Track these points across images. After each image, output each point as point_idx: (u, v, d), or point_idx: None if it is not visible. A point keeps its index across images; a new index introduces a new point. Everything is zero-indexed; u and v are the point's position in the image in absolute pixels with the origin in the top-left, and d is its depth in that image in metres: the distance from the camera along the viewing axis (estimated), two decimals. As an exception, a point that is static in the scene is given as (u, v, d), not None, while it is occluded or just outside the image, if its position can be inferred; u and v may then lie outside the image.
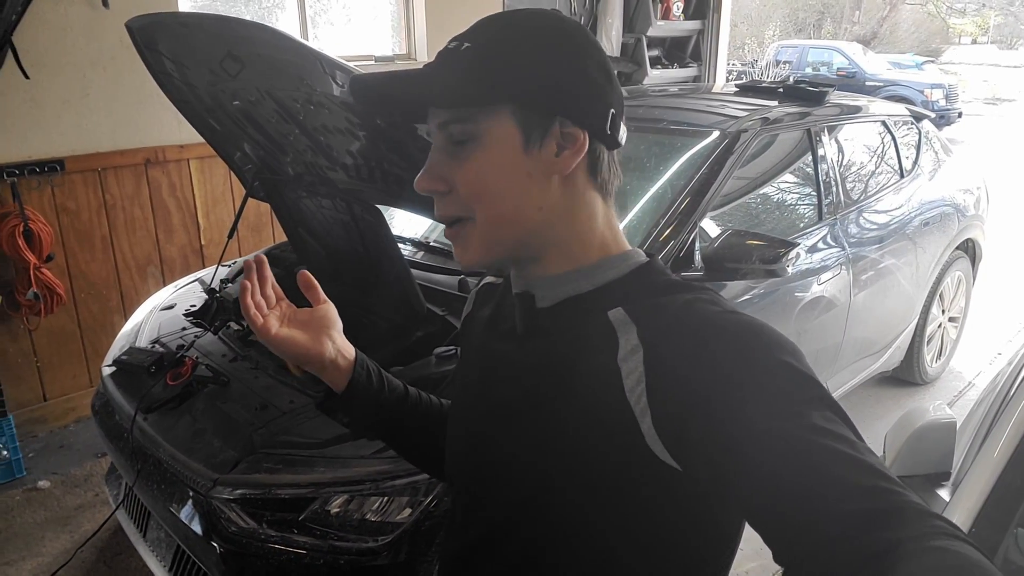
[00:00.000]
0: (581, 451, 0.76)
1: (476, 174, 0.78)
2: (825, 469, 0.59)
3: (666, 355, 0.71)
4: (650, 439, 0.70)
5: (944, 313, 3.90)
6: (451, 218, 0.81)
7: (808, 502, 0.58)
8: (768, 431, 0.62)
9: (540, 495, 0.81)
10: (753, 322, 0.72)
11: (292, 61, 1.88)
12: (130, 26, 2.03)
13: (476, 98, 0.76)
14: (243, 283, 0.93)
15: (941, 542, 0.53)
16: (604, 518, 0.77)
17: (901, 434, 1.54)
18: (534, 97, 0.77)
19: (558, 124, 0.78)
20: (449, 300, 2.30)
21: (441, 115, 0.79)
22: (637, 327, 0.75)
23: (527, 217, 0.79)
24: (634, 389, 0.71)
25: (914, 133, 3.74)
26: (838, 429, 0.62)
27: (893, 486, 0.58)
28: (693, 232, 2.40)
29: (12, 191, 3.11)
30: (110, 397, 2.26)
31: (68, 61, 3.25)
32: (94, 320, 3.51)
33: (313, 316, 0.96)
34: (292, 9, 4.37)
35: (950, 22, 28.50)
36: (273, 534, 1.75)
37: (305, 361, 0.94)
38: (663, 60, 6.65)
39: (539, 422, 0.81)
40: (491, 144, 0.77)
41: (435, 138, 0.80)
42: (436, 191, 0.80)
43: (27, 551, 2.65)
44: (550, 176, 0.79)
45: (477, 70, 0.76)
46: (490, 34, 0.79)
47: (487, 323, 0.95)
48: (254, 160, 2.58)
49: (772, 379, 0.66)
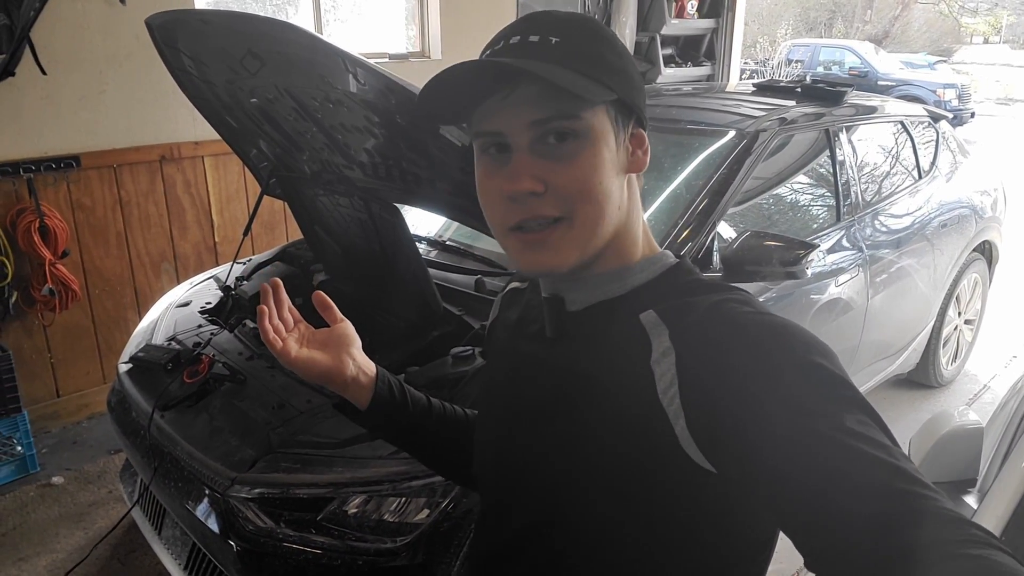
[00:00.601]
0: (611, 455, 0.76)
1: (584, 171, 0.76)
2: (858, 472, 0.58)
3: (699, 356, 0.71)
4: (684, 441, 0.70)
5: (960, 315, 3.87)
6: (544, 220, 0.77)
7: (840, 504, 0.57)
8: (800, 432, 0.61)
9: (569, 499, 0.80)
10: (786, 323, 0.71)
11: (313, 59, 1.86)
12: (150, 23, 2.03)
13: (595, 92, 0.74)
14: (260, 308, 0.94)
15: (978, 550, 0.52)
16: (634, 522, 0.76)
17: (927, 440, 1.53)
18: (624, 96, 0.78)
19: (633, 123, 0.80)
20: (466, 300, 2.29)
21: (541, 111, 0.74)
22: (669, 329, 0.75)
23: (614, 217, 0.79)
24: (667, 391, 0.71)
25: (931, 134, 3.71)
26: (871, 432, 0.62)
27: (928, 491, 0.57)
28: (711, 233, 2.38)
29: (28, 187, 3.12)
30: (126, 394, 2.26)
31: (85, 58, 3.26)
32: (108, 316, 3.52)
33: (331, 335, 0.97)
34: (307, 7, 4.37)
35: (962, 21, 28.29)
36: (291, 534, 1.74)
37: (327, 381, 0.96)
38: (677, 59, 6.62)
39: (568, 426, 0.80)
40: (596, 141, 0.76)
41: (518, 138, 0.76)
42: (534, 192, 0.75)
43: (42, 547, 2.66)
44: (624, 175, 0.80)
45: (587, 64, 0.75)
46: (570, 31, 0.77)
47: (515, 327, 0.95)
48: (270, 158, 2.58)
49: (805, 380, 0.65)
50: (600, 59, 0.76)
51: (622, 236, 0.82)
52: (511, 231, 0.79)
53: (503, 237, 0.81)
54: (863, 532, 0.55)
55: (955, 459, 1.49)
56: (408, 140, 2.01)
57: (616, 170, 0.78)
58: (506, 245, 0.81)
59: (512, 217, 0.77)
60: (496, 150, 0.78)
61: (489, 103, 0.76)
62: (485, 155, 0.79)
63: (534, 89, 0.74)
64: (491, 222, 0.81)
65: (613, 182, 0.78)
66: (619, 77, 0.77)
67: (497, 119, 0.76)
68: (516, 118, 0.75)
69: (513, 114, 0.75)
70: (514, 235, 0.79)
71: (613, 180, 0.78)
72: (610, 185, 0.77)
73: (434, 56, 4.79)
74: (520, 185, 0.75)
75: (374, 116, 1.96)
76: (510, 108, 0.75)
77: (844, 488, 0.58)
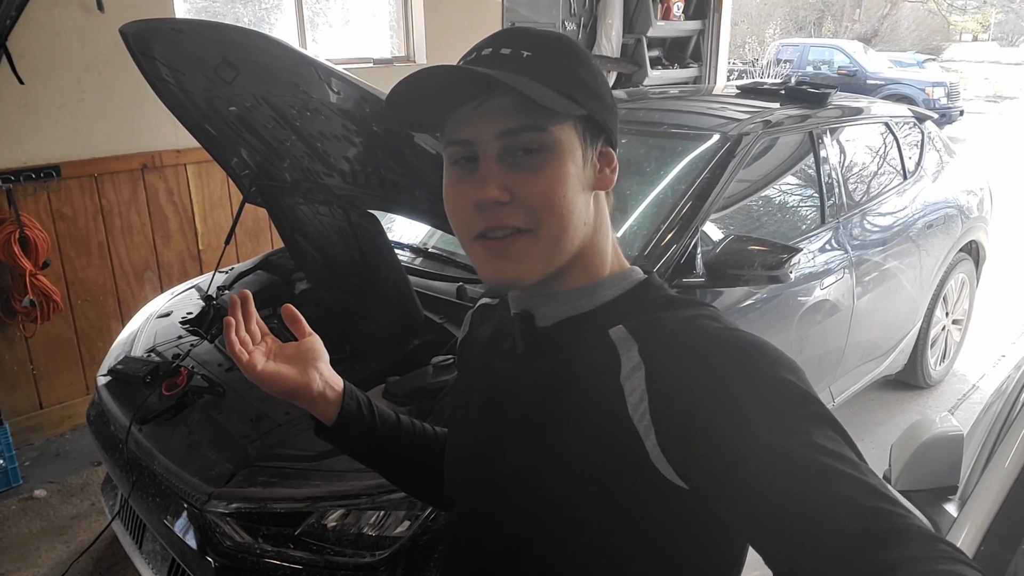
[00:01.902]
0: (587, 469, 0.76)
1: (549, 184, 0.76)
2: (827, 488, 0.58)
3: (668, 371, 0.71)
4: (655, 457, 0.70)
5: (948, 316, 3.88)
6: (508, 229, 0.77)
7: (810, 521, 0.57)
8: (769, 449, 0.62)
9: (548, 513, 0.80)
10: (753, 339, 0.72)
11: (287, 68, 1.85)
12: (124, 32, 2.01)
13: (564, 106, 0.74)
14: (227, 320, 0.92)
15: (946, 566, 0.52)
16: (614, 534, 0.76)
17: (907, 447, 1.51)
18: (594, 113, 0.78)
19: (602, 142, 0.81)
20: (447, 307, 2.27)
21: (510, 122, 0.75)
22: (638, 344, 0.75)
23: (579, 231, 0.80)
24: (637, 407, 0.71)
25: (917, 134, 3.71)
26: (839, 449, 0.62)
27: (896, 508, 0.57)
28: (695, 238, 2.37)
29: (8, 197, 3.09)
30: (105, 407, 2.24)
31: (63, 66, 3.23)
32: (91, 327, 3.49)
33: (299, 350, 0.96)
34: (290, 11, 4.35)
35: (951, 19, 28.46)
36: (269, 549, 1.72)
37: (293, 396, 0.94)
38: (663, 61, 6.62)
39: (543, 441, 0.80)
40: (562, 155, 0.77)
41: (486, 147, 0.76)
42: (499, 201, 0.76)
43: (23, 561, 2.63)
44: (591, 192, 0.81)
45: (557, 80, 0.75)
46: (543, 46, 0.78)
47: (487, 343, 0.95)
48: (251, 166, 2.56)
49: (773, 396, 0.66)
50: (572, 75, 0.77)
51: (589, 252, 0.82)
52: (475, 239, 0.79)
53: (469, 246, 0.81)
54: (835, 552, 0.55)
55: (935, 466, 1.48)
56: (385, 148, 1.99)
57: (582, 185, 0.79)
58: (472, 254, 0.81)
59: (477, 225, 0.78)
60: (465, 161, 0.78)
61: (460, 112, 0.77)
62: (454, 167, 0.80)
63: (505, 100, 0.74)
64: (457, 230, 0.82)
65: (578, 197, 0.78)
66: (589, 94, 0.78)
67: (467, 128, 0.77)
68: (487, 127, 0.76)
69: (484, 124, 0.76)
70: (479, 243, 0.79)
71: (578, 195, 0.78)
72: (575, 199, 0.78)
73: (419, 60, 4.77)
74: (486, 193, 0.76)
75: (351, 124, 1.94)
76: (481, 118, 0.76)
77: (816, 508, 0.58)
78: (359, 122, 1.91)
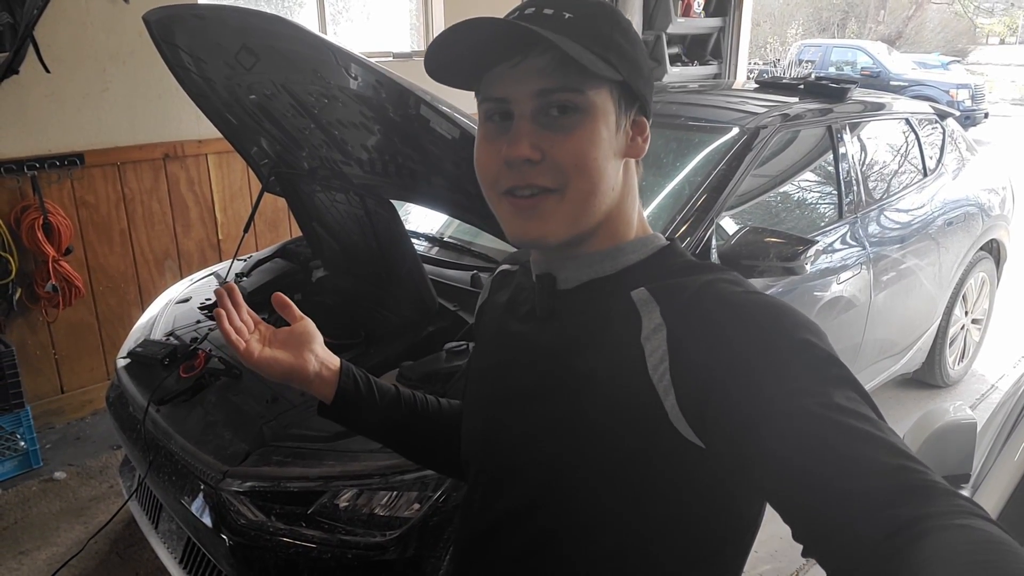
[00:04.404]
0: (601, 433, 0.77)
1: (581, 145, 0.77)
2: (847, 447, 0.59)
3: (689, 332, 0.72)
4: (674, 417, 0.71)
5: (967, 315, 3.84)
6: (535, 188, 0.78)
7: (829, 479, 0.58)
8: (789, 408, 0.62)
9: (559, 478, 0.81)
10: (775, 301, 0.72)
11: (305, 54, 1.87)
12: (147, 19, 2.04)
13: (602, 69, 0.75)
14: (218, 311, 0.95)
15: (965, 520, 0.53)
16: (624, 501, 0.77)
17: (920, 434, 1.51)
18: (630, 80, 0.79)
19: (636, 111, 0.82)
20: (461, 295, 2.29)
21: (547, 82, 0.75)
22: (660, 306, 0.76)
23: (607, 196, 0.80)
24: (657, 367, 0.72)
25: (938, 131, 3.67)
26: (860, 408, 0.62)
27: (916, 465, 0.58)
28: (710, 229, 2.37)
29: (32, 184, 3.14)
30: (124, 389, 2.27)
31: (88, 55, 3.28)
32: (112, 313, 3.54)
33: (292, 334, 0.99)
34: (311, 6, 4.38)
35: (977, 22, 28.06)
36: (282, 527, 1.74)
37: (290, 379, 0.97)
38: (683, 58, 6.60)
39: (559, 404, 0.81)
40: (596, 118, 0.77)
41: (521, 106, 0.77)
42: (531, 160, 0.76)
43: (42, 541, 2.67)
44: (621, 159, 0.81)
45: (597, 44, 0.76)
46: (585, 10, 0.78)
47: (505, 307, 0.96)
48: (270, 155, 2.59)
49: (794, 357, 0.66)
50: (611, 41, 0.77)
51: (615, 218, 0.83)
52: (503, 195, 0.80)
53: (496, 202, 0.82)
54: (856, 509, 0.56)
55: (948, 454, 1.47)
56: (402, 136, 2.01)
57: (613, 151, 0.80)
58: (498, 210, 0.82)
59: (505, 181, 0.79)
60: (500, 118, 0.79)
61: (498, 69, 0.77)
62: (488, 123, 0.80)
63: (543, 59, 0.75)
64: (484, 185, 0.82)
65: (609, 162, 0.79)
66: (627, 62, 0.78)
67: (504, 85, 0.77)
68: (523, 86, 0.76)
69: (520, 82, 0.76)
70: (506, 199, 0.80)
71: (609, 160, 0.79)
72: (605, 163, 0.78)
73: (439, 55, 4.79)
74: (519, 151, 0.76)
75: (368, 111, 1.96)
76: (518, 76, 0.76)
77: (836, 466, 0.58)
78: (376, 109, 1.93)
